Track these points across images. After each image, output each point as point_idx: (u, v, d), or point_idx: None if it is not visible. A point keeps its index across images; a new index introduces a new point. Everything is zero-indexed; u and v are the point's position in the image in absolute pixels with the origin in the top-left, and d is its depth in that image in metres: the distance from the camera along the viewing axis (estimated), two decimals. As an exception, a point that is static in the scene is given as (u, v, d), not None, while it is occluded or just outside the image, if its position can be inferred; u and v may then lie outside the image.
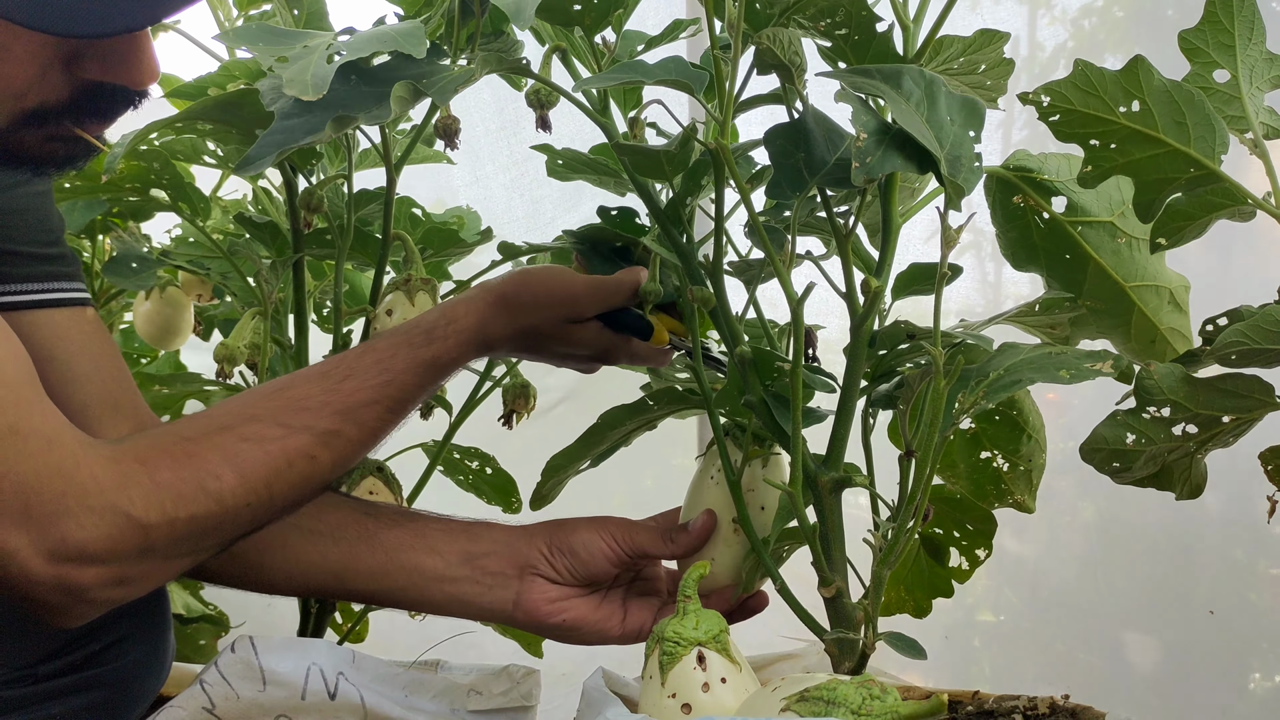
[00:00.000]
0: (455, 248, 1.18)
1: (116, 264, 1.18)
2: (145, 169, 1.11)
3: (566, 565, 0.91)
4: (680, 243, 0.88)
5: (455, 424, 1.16)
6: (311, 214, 1.06)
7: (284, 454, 0.77)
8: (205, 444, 0.75)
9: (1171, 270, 0.87)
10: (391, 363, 0.85)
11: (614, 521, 0.93)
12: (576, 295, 0.90)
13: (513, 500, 1.22)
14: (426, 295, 1.03)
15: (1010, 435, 0.90)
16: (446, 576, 0.91)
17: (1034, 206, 0.86)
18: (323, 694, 0.86)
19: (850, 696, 0.66)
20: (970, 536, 0.94)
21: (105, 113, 0.75)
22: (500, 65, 0.80)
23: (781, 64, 0.76)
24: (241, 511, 0.76)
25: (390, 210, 1.05)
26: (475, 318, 0.89)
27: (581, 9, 0.87)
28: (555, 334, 0.91)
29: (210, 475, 0.74)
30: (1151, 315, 0.86)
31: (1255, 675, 1.16)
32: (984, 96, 0.84)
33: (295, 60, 0.76)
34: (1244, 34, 0.75)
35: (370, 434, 0.84)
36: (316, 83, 0.73)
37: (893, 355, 0.83)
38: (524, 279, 0.91)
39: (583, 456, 0.98)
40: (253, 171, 0.74)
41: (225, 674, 0.85)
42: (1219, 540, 1.18)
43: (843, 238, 0.77)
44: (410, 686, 0.92)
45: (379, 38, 0.79)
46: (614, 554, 0.91)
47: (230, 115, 1.02)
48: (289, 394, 0.81)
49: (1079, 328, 0.88)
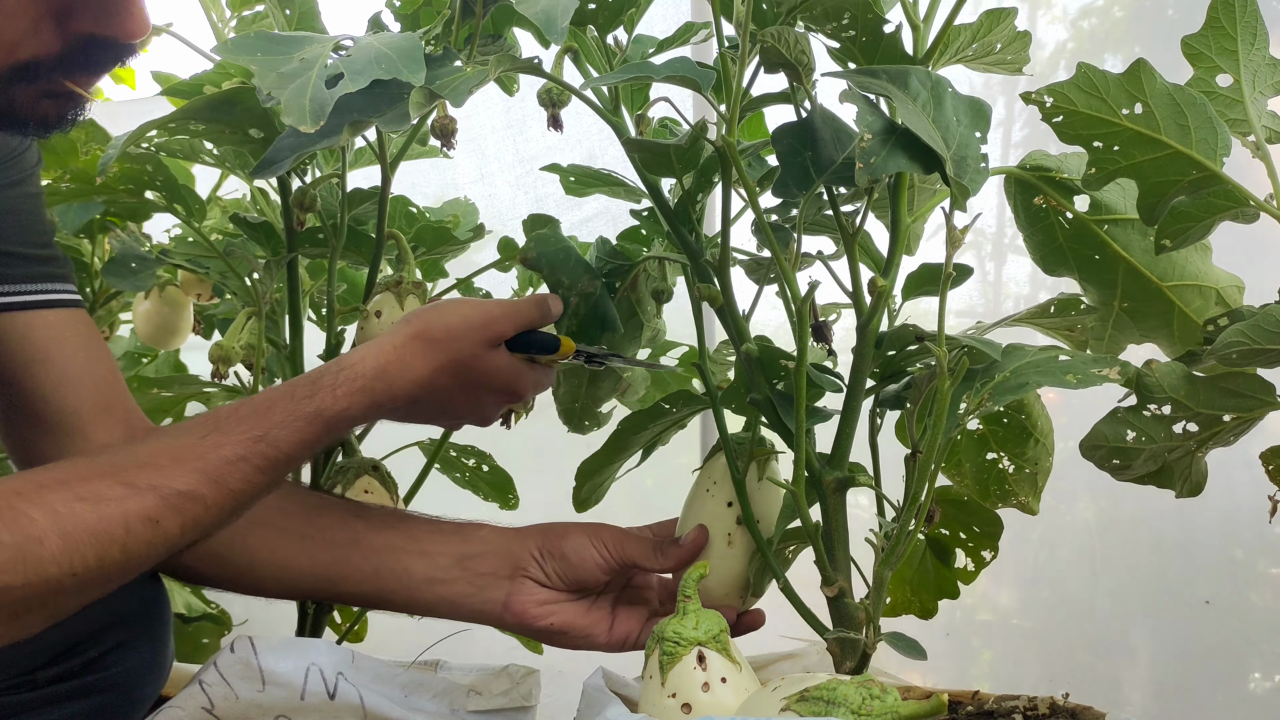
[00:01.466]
0: (448, 245, 1.17)
1: (115, 264, 1.18)
2: (139, 171, 1.11)
3: (557, 569, 0.91)
4: (689, 241, 0.88)
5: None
6: (305, 213, 1.05)
7: (121, 518, 0.69)
8: (36, 502, 0.67)
9: (1221, 270, 0.85)
10: (267, 416, 0.78)
11: (607, 529, 0.92)
12: (493, 315, 0.86)
13: (509, 497, 1.22)
14: (416, 299, 1.02)
15: (1017, 438, 0.89)
16: (438, 578, 0.91)
17: (1056, 207, 0.85)
18: (322, 694, 0.86)
19: (850, 696, 0.66)
20: (976, 539, 0.94)
21: (96, 66, 0.74)
22: (514, 65, 0.80)
23: (788, 62, 0.76)
24: (65, 582, 0.67)
25: (384, 209, 1.04)
26: (374, 363, 0.82)
27: (596, 8, 0.87)
28: (475, 363, 0.85)
29: (33, 540, 0.65)
30: (1196, 316, 0.83)
31: (1255, 675, 1.17)
32: (1009, 70, 0.84)
33: (292, 78, 0.74)
34: (1246, 39, 0.75)
35: (234, 496, 0.75)
36: (315, 110, 0.71)
37: (901, 356, 0.83)
38: (436, 310, 0.86)
39: (612, 459, 0.98)
40: (271, 174, 0.73)
41: (225, 674, 0.85)
42: (1219, 539, 1.18)
43: (850, 237, 0.77)
44: (410, 686, 0.92)
45: (378, 59, 0.77)
46: (604, 562, 0.91)
47: (222, 114, 1.01)
48: (146, 448, 0.74)
49: (1121, 332, 0.86)
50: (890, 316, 0.89)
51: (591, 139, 1.46)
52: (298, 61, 0.76)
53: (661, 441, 1.00)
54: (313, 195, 1.05)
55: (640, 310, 1.00)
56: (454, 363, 0.84)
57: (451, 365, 0.84)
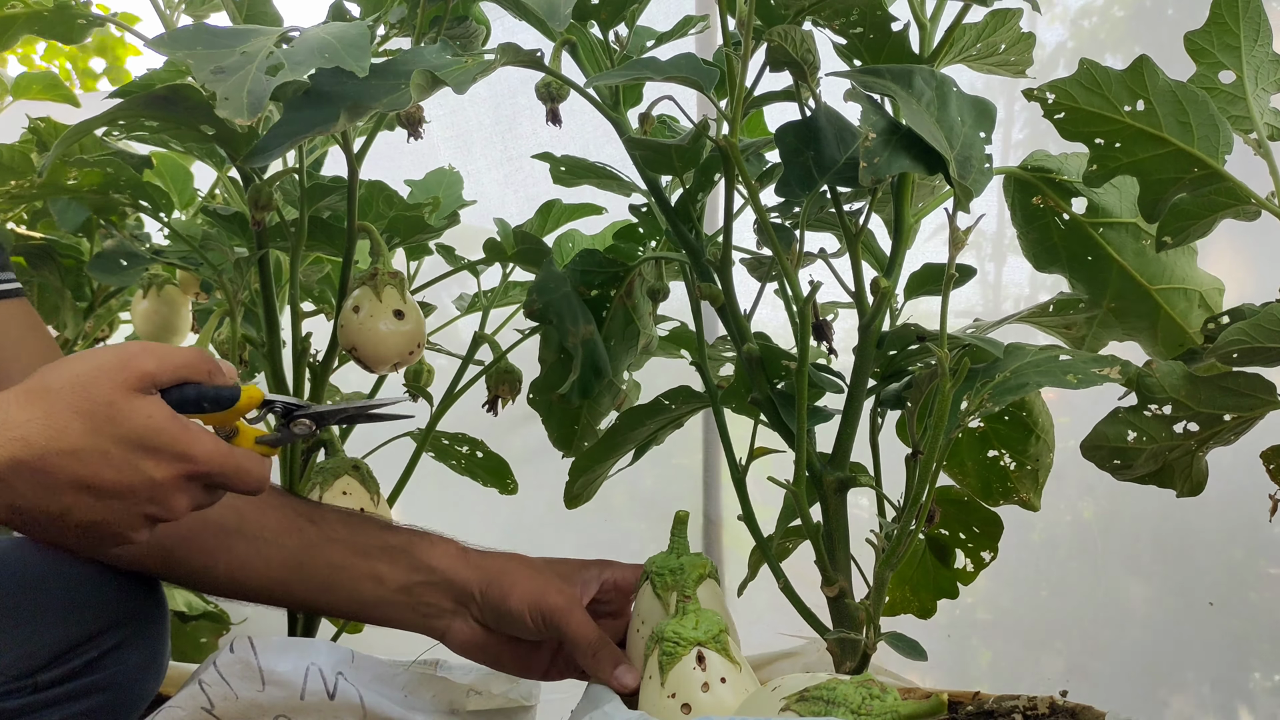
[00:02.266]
0: (422, 234, 1.13)
1: (103, 260, 1.15)
2: (100, 174, 1.09)
3: (493, 620, 0.87)
4: (690, 239, 0.88)
5: (439, 411, 1.15)
6: (261, 211, 1.01)
7: None
8: None
9: (1205, 273, 0.87)
10: None
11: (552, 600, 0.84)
12: (130, 354, 0.69)
13: (508, 482, 1.21)
14: (394, 290, 1.00)
15: (1019, 435, 0.90)
16: (386, 601, 0.88)
17: (1054, 207, 0.85)
18: (322, 694, 0.86)
19: (850, 696, 0.66)
20: (976, 539, 0.94)
21: None
22: (517, 58, 0.79)
23: (793, 61, 0.76)
24: None
25: (354, 201, 1.01)
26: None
27: (599, 3, 0.87)
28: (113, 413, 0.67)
29: None
30: (1180, 318, 0.85)
31: (1255, 675, 1.17)
32: (1011, 71, 0.84)
33: (232, 71, 0.72)
34: (1249, 36, 0.75)
35: None
36: (252, 102, 0.69)
37: (903, 356, 0.83)
38: (60, 362, 0.70)
39: (606, 455, 0.97)
40: (262, 161, 0.73)
41: (224, 674, 0.85)
42: (1219, 539, 1.18)
43: (852, 236, 0.77)
44: (409, 686, 0.92)
45: (320, 49, 0.75)
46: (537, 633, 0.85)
47: (168, 109, 0.97)
48: None
49: (1105, 330, 0.87)
50: (892, 316, 0.88)
51: (586, 136, 1.45)
52: (239, 55, 0.74)
53: (656, 441, 0.99)
54: (268, 193, 1.01)
55: (637, 317, 0.99)
56: (82, 414, 0.67)
57: (80, 416, 0.67)
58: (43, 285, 1.35)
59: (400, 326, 0.99)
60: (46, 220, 1.31)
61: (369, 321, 0.98)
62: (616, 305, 0.98)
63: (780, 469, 0.92)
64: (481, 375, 1.15)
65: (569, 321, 0.91)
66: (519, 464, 1.23)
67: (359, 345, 0.99)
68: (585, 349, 0.91)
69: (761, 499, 0.89)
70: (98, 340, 1.51)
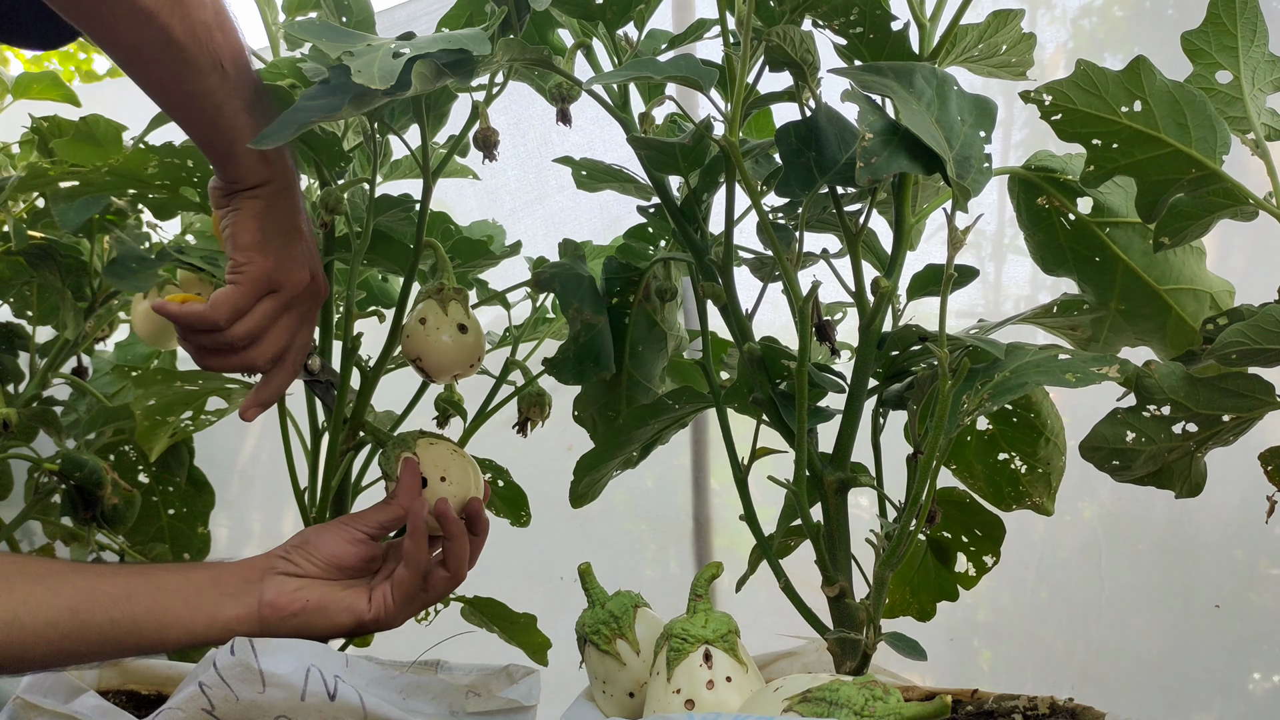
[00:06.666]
0: (484, 259, 1.18)
1: (116, 265, 1.17)
2: (178, 166, 1.10)
3: (306, 556, 0.91)
4: (694, 239, 0.88)
5: (469, 430, 1.16)
6: (330, 215, 1.05)
7: None
8: None
9: (1214, 274, 0.86)
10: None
11: (357, 514, 0.94)
12: None
13: (521, 514, 1.22)
14: (459, 304, 1.02)
15: (1028, 437, 0.89)
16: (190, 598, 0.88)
17: (1059, 208, 0.85)
18: (322, 695, 0.85)
19: (853, 697, 0.65)
20: (979, 542, 0.94)
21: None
22: (523, 53, 0.81)
23: (793, 61, 0.76)
24: None
25: (424, 217, 1.04)
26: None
27: (604, 3, 0.87)
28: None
29: None
30: (1191, 320, 0.85)
31: (1255, 675, 1.17)
32: (1012, 73, 0.84)
33: (361, 55, 0.77)
34: (1247, 36, 0.75)
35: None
36: (384, 74, 0.74)
37: (905, 356, 0.83)
38: None
39: (610, 456, 0.98)
40: (268, 145, 0.75)
41: (224, 676, 0.85)
42: (1219, 540, 1.18)
43: (853, 237, 0.77)
44: (407, 690, 0.92)
45: (444, 38, 0.80)
46: (351, 532, 0.92)
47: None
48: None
49: (1116, 334, 0.87)
50: (895, 316, 0.89)
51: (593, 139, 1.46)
52: (365, 45, 0.79)
53: (661, 440, 0.99)
54: (338, 197, 1.04)
55: (660, 319, 1.00)
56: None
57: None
58: (43, 285, 1.35)
59: (464, 340, 1.01)
60: (47, 220, 1.31)
61: (435, 334, 1.01)
62: (636, 310, 0.99)
63: (780, 469, 0.92)
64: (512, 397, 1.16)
65: (573, 296, 0.93)
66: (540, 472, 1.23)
67: (424, 355, 1.01)
68: (588, 334, 0.92)
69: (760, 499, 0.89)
70: (98, 340, 1.51)
